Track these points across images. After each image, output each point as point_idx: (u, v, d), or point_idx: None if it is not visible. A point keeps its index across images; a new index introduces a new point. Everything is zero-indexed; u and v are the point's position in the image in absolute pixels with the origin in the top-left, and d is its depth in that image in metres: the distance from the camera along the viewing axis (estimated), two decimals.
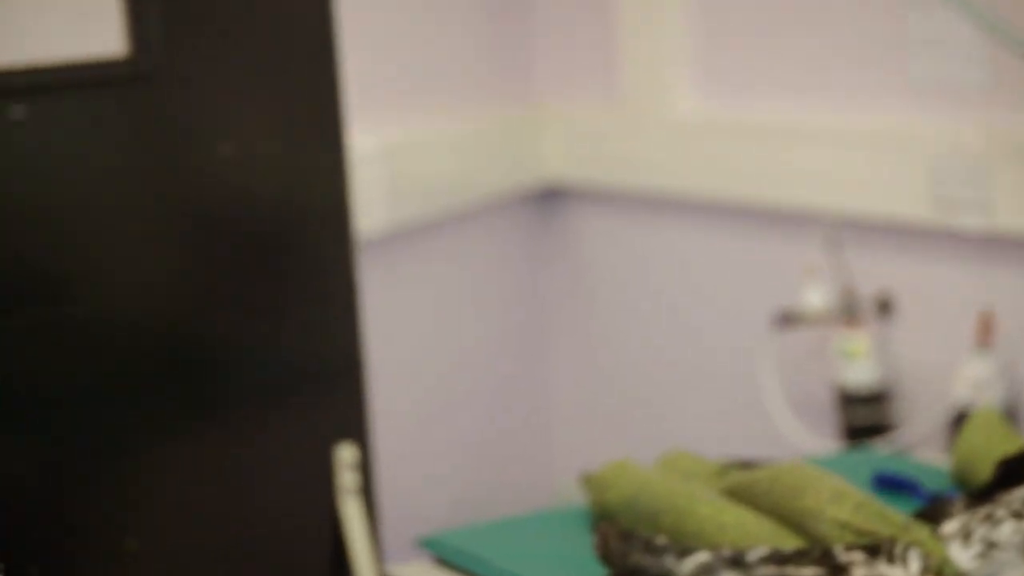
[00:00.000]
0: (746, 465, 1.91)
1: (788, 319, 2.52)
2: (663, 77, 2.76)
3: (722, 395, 2.74)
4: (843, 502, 1.60)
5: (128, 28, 1.91)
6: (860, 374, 2.47)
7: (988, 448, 1.77)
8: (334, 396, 2.08)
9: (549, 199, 2.98)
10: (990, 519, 1.52)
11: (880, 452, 2.20)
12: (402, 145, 2.71)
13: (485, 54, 2.87)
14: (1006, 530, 1.50)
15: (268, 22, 2.03)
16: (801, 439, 2.49)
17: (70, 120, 1.87)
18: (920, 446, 2.33)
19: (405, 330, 2.77)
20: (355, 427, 2.08)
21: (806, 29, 2.58)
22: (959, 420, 2.23)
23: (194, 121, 1.96)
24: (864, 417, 2.45)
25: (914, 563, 1.50)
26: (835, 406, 2.49)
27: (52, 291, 1.88)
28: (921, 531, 1.55)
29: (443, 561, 1.80)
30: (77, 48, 1.89)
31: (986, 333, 2.33)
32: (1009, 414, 2.30)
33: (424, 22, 2.78)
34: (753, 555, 1.56)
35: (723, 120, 2.69)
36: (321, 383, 2.07)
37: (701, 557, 1.57)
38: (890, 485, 1.88)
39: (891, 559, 1.51)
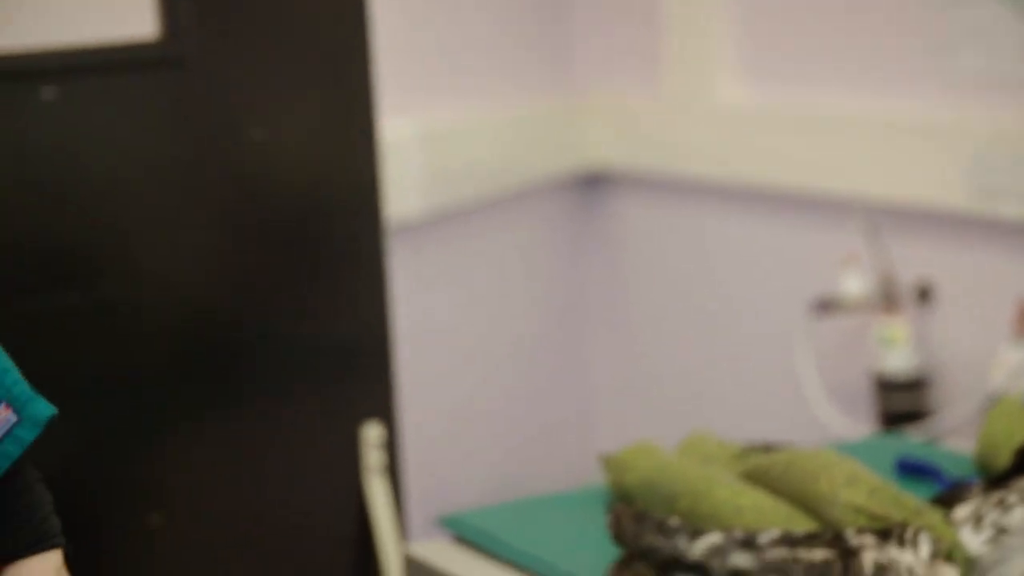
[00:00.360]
0: (766, 449, 1.91)
1: (827, 306, 2.52)
2: (706, 65, 2.76)
3: (760, 380, 2.73)
4: (857, 487, 1.60)
5: (160, 11, 1.93)
6: (898, 361, 2.46)
7: (1010, 435, 1.76)
8: (362, 376, 2.09)
9: (591, 185, 2.98)
10: (1002, 505, 1.51)
11: (907, 438, 2.19)
12: (444, 131, 2.72)
13: (528, 40, 2.88)
14: (1017, 516, 1.49)
15: (302, 7, 2.05)
16: (837, 425, 2.48)
17: (100, 102, 1.89)
18: (956, 433, 2.32)
19: (445, 314, 2.78)
20: (382, 407, 2.09)
21: (848, 18, 2.57)
22: None
23: (225, 105, 1.98)
24: (901, 403, 2.44)
25: (924, 547, 1.50)
26: (872, 392, 2.49)
27: (83, 273, 1.90)
28: (933, 516, 1.54)
29: (462, 539, 1.81)
30: (109, 31, 1.91)
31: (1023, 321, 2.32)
32: None
33: (466, 7, 2.79)
34: (765, 537, 1.56)
35: (765, 108, 2.69)
36: (349, 364, 2.08)
37: (713, 538, 1.57)
38: (912, 471, 1.88)
39: (901, 543, 1.51)
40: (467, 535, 1.81)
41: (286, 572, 2.05)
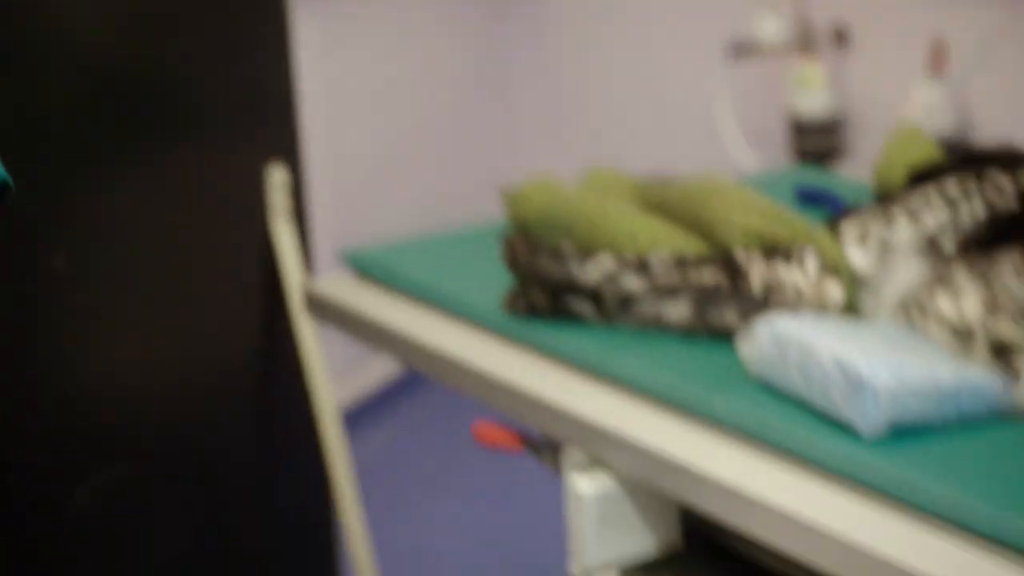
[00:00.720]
0: (665, 180, 1.91)
1: (743, 49, 2.51)
2: None
3: (678, 123, 2.74)
4: (749, 210, 1.61)
5: None
6: (814, 103, 2.47)
7: (906, 160, 1.76)
8: (265, 121, 2.09)
9: None
10: (887, 220, 1.52)
11: (811, 171, 2.20)
12: None
13: None
14: (902, 231, 1.50)
15: None
16: (753, 165, 2.49)
17: None
18: (868, 171, 2.34)
19: (363, 59, 2.76)
20: (286, 150, 2.09)
21: None
22: None
23: None
24: (816, 144, 2.45)
25: (811, 265, 1.52)
26: (788, 134, 2.49)
27: None
28: (822, 235, 1.55)
29: (363, 274, 1.83)
30: None
31: (938, 61, 2.32)
32: (958, 138, 2.30)
33: None
34: (656, 260, 1.57)
35: None
36: (252, 108, 2.08)
37: (605, 263, 1.58)
38: (811, 199, 1.89)
39: (789, 260, 1.52)
40: (368, 269, 1.82)
41: (192, 312, 2.06)
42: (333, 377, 2.20)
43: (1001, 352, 1.37)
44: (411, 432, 3.72)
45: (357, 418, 3.56)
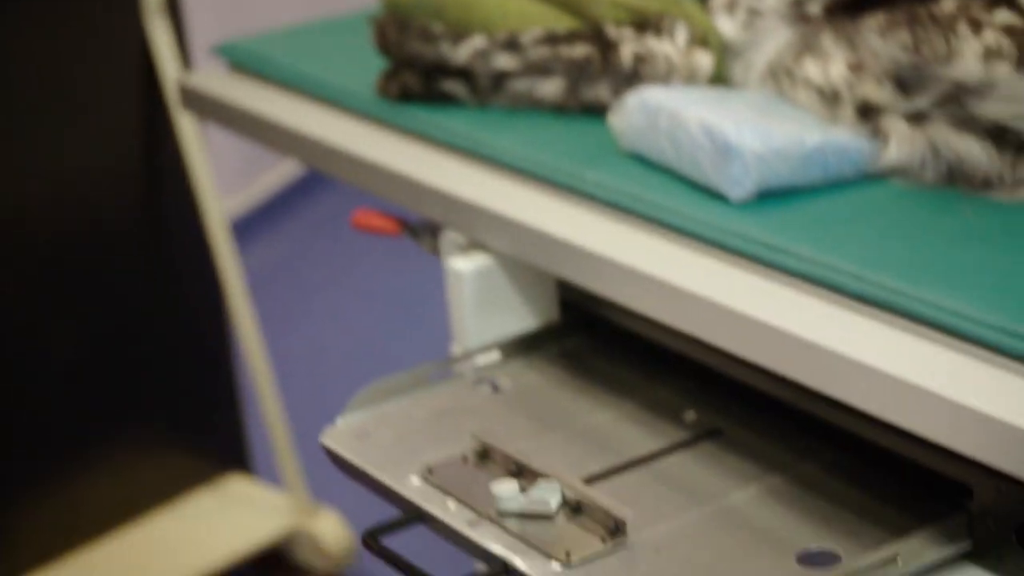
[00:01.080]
0: None
1: None
2: None
3: None
4: None
5: None
6: None
7: None
8: None
9: None
10: None
11: None
12: None
13: None
14: None
15: None
16: None
17: None
18: None
19: None
20: None
21: None
22: None
23: None
24: None
25: (680, 35, 1.51)
26: None
27: None
28: (691, 5, 1.55)
29: (237, 66, 1.80)
30: None
31: None
32: None
33: None
34: (527, 37, 1.56)
35: None
36: None
37: (476, 42, 1.57)
38: None
39: (659, 32, 1.52)
40: (243, 61, 1.80)
41: (70, 119, 2.03)
42: (225, 187, 2.19)
43: (867, 113, 1.37)
44: (307, 235, 3.72)
45: (251, 225, 3.55)
